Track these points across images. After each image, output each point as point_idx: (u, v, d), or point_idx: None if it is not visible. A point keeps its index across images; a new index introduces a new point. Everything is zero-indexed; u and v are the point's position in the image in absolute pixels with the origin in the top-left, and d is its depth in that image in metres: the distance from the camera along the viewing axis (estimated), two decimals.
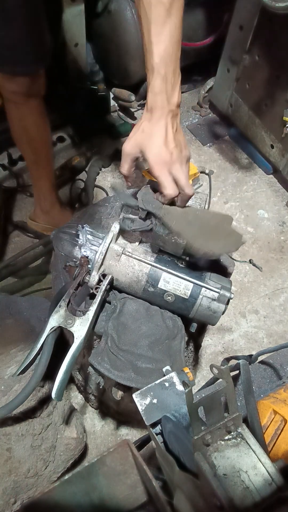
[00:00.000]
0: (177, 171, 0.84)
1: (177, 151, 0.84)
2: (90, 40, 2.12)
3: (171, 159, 0.83)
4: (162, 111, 0.83)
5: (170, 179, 0.84)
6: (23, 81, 1.32)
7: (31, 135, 1.50)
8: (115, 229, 0.97)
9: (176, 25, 0.82)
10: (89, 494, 0.74)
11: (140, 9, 0.81)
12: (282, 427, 0.81)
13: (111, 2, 1.97)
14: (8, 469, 1.04)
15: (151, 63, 0.83)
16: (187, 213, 0.95)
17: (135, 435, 1.47)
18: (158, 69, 0.82)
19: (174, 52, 0.84)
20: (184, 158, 0.86)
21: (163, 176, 0.83)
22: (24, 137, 1.51)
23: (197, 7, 2.07)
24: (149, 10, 0.79)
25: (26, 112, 1.43)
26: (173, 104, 0.85)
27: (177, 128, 0.86)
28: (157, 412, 0.73)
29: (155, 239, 0.99)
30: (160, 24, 0.80)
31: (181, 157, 0.85)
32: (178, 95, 0.86)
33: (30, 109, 1.42)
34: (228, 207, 2.06)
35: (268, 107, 1.96)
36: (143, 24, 0.82)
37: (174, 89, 0.84)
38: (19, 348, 1.14)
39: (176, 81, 0.85)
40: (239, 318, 1.75)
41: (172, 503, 0.66)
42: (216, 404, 0.58)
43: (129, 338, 0.97)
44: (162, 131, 0.83)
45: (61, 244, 1.01)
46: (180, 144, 0.85)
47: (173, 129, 0.85)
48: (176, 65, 0.85)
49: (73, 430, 1.18)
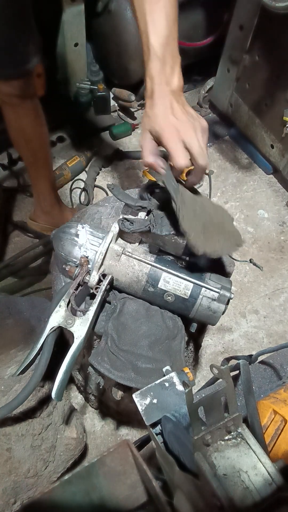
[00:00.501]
0: (190, 138, 0.75)
1: (188, 118, 0.76)
2: (90, 40, 2.12)
3: (181, 125, 0.75)
4: (163, 93, 0.77)
5: (180, 146, 0.75)
6: (16, 84, 1.31)
7: (28, 136, 1.49)
8: (115, 229, 0.97)
9: (171, 3, 0.80)
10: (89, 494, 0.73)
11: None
12: (282, 427, 0.81)
13: (111, 2, 1.97)
14: (8, 469, 1.04)
15: (147, 45, 0.77)
16: (196, 202, 0.92)
17: (135, 435, 1.47)
18: (155, 50, 0.77)
19: (172, 32, 0.80)
20: (198, 125, 0.77)
21: (172, 143, 0.74)
22: (21, 139, 1.50)
23: (197, 7, 2.07)
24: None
25: (22, 114, 1.42)
26: (174, 86, 0.78)
27: (183, 104, 0.78)
28: (157, 412, 0.73)
29: (155, 239, 0.99)
30: (154, 2, 0.78)
31: (194, 123, 0.76)
32: (179, 78, 0.79)
33: (26, 111, 1.42)
34: (228, 207, 2.06)
35: (268, 107, 1.96)
36: (136, 6, 0.79)
37: (173, 71, 0.78)
38: (19, 348, 1.14)
39: (175, 62, 0.79)
40: (239, 318, 1.75)
41: (172, 503, 0.66)
42: (216, 404, 0.58)
43: (129, 338, 0.97)
44: (166, 105, 0.76)
45: (61, 244, 1.01)
46: (191, 114, 0.78)
47: (179, 103, 0.77)
48: (175, 46, 0.80)
49: (73, 430, 1.18)
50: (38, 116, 1.47)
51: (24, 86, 1.34)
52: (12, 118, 1.44)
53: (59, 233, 1.02)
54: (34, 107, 1.43)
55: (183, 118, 0.76)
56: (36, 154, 1.56)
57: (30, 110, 1.43)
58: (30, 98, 1.40)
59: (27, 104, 1.40)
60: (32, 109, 1.43)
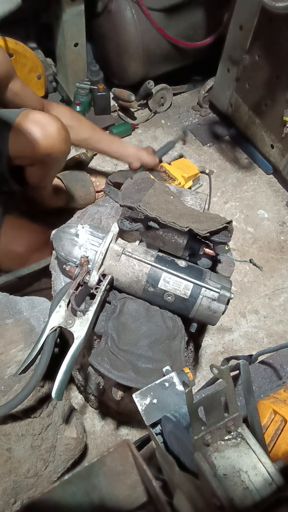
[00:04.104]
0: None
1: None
2: (90, 40, 2.13)
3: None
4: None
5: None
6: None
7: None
8: (115, 229, 0.97)
9: (89, 127, 1.57)
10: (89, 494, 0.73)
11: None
12: (282, 427, 0.81)
13: (111, 2, 1.97)
14: (8, 469, 1.04)
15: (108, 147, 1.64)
16: (170, 203, 0.99)
17: (135, 435, 1.47)
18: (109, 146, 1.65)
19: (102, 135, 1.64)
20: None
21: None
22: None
23: (197, 7, 2.07)
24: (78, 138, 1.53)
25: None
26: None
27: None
28: (157, 412, 0.73)
29: (155, 239, 0.99)
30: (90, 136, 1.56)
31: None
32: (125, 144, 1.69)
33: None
34: (228, 207, 2.06)
35: (268, 107, 1.95)
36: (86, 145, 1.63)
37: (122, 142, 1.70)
38: (19, 348, 1.14)
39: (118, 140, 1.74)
40: (239, 318, 1.75)
41: (172, 503, 0.66)
42: (216, 404, 0.58)
43: (129, 338, 0.97)
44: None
45: (61, 244, 1.01)
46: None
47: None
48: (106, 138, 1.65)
49: (73, 430, 1.18)
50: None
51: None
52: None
53: (59, 233, 1.02)
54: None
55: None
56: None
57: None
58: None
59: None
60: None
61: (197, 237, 0.96)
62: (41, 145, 1.28)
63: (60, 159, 1.44)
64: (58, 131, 1.30)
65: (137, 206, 0.93)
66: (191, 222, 0.93)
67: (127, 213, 0.98)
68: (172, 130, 2.32)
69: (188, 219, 0.94)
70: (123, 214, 0.99)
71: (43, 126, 1.28)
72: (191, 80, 2.47)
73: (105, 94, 2.15)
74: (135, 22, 1.96)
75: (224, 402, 0.59)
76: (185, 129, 2.11)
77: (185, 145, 2.26)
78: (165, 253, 1.00)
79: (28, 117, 1.29)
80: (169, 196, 1.04)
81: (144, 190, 1.00)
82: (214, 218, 0.97)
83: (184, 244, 0.97)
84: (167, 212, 0.94)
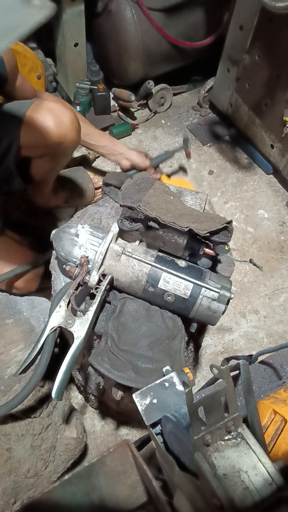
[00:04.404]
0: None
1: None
2: (90, 40, 2.12)
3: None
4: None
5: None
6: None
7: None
8: (115, 229, 0.97)
9: (80, 120, 1.43)
10: (89, 494, 0.73)
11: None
12: (282, 427, 0.81)
13: (111, 2, 1.97)
14: (8, 469, 1.04)
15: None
16: (170, 203, 0.99)
17: (135, 435, 1.47)
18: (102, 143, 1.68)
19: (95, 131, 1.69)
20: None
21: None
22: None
23: (197, 7, 2.07)
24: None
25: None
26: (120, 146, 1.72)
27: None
28: (157, 412, 0.73)
29: (155, 239, 0.99)
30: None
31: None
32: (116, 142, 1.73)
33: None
34: (228, 207, 2.06)
35: (268, 107, 1.95)
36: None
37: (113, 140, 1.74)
38: (19, 348, 1.14)
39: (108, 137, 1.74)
40: (239, 318, 1.75)
41: (172, 503, 0.66)
42: (216, 404, 0.58)
43: (129, 338, 0.97)
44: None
45: (61, 244, 1.01)
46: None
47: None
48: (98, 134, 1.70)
49: (73, 430, 1.18)
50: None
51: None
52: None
53: (59, 233, 1.02)
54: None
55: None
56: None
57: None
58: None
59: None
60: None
61: (197, 237, 0.96)
62: (54, 134, 1.28)
63: (70, 150, 1.45)
64: (71, 120, 1.30)
65: (137, 206, 0.93)
66: (191, 222, 0.93)
67: (127, 213, 0.98)
68: (172, 130, 2.32)
69: (188, 219, 0.94)
70: (123, 214, 0.99)
71: (56, 115, 1.28)
72: (191, 80, 2.47)
73: (105, 94, 2.15)
74: (135, 22, 1.96)
75: (224, 402, 0.59)
76: (186, 139, 2.10)
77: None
78: (165, 253, 1.00)
79: (41, 106, 1.29)
80: (169, 196, 1.04)
81: (144, 190, 1.00)
82: (214, 218, 0.97)
83: (184, 244, 0.97)
84: (167, 212, 0.94)
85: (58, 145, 1.32)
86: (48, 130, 1.27)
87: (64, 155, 1.45)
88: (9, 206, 1.71)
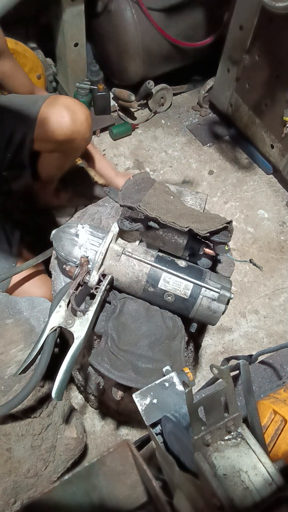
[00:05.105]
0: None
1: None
2: (90, 40, 2.12)
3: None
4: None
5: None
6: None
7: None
8: (115, 229, 0.97)
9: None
10: (89, 494, 0.73)
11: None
12: (282, 427, 0.81)
13: (111, 2, 1.97)
14: (8, 469, 1.04)
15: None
16: (170, 203, 0.99)
17: (135, 435, 1.47)
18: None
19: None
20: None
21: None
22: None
23: (197, 7, 2.07)
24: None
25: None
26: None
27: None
28: (157, 412, 0.73)
29: (155, 239, 0.99)
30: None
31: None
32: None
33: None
34: (228, 207, 2.06)
35: (268, 107, 1.95)
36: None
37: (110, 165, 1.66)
38: (19, 348, 1.14)
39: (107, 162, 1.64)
40: (239, 318, 1.75)
41: (172, 503, 0.66)
42: (216, 404, 0.58)
43: (129, 338, 0.97)
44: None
45: (61, 244, 1.01)
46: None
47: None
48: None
49: (73, 430, 1.18)
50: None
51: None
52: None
53: (59, 233, 1.02)
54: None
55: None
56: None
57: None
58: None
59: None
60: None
61: (197, 237, 0.96)
62: (69, 129, 1.29)
63: (81, 148, 1.45)
64: (86, 117, 1.32)
65: (137, 206, 0.93)
66: (191, 222, 0.93)
67: (127, 213, 0.98)
68: (172, 130, 2.32)
69: (188, 219, 0.94)
70: (123, 214, 0.99)
71: (72, 111, 1.29)
72: (191, 80, 2.47)
73: (105, 94, 2.15)
74: (135, 22, 1.96)
75: (224, 402, 0.59)
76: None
77: (185, 145, 2.26)
78: (165, 253, 1.00)
79: (58, 101, 1.30)
80: (169, 196, 1.04)
81: (144, 190, 1.00)
82: (214, 218, 0.97)
83: (184, 244, 0.97)
84: (167, 212, 0.94)
85: (70, 141, 1.33)
86: (63, 125, 1.28)
87: (74, 152, 1.45)
88: (8, 206, 1.71)
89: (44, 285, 1.42)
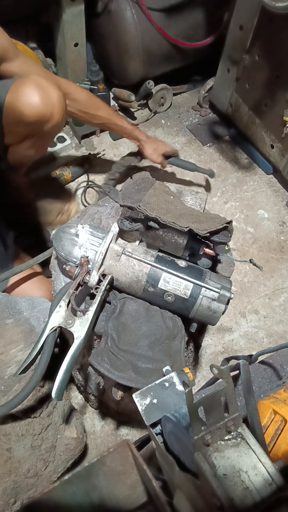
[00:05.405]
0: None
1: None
2: (90, 40, 2.12)
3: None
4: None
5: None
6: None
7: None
8: (115, 229, 0.97)
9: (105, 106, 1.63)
10: (89, 494, 0.73)
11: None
12: (282, 427, 0.81)
13: (111, 2, 1.97)
14: (8, 469, 1.04)
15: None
16: (170, 203, 0.99)
17: (135, 435, 1.47)
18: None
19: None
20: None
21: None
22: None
23: (197, 7, 2.07)
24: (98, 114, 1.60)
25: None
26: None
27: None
28: (157, 412, 0.73)
29: (155, 239, 0.99)
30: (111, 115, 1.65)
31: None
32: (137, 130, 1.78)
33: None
34: (228, 207, 2.06)
35: (268, 107, 1.95)
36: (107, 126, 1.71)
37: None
38: (19, 348, 1.14)
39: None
40: (239, 318, 1.75)
41: (172, 503, 0.66)
42: (216, 404, 0.58)
43: (129, 338, 0.97)
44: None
45: (61, 244, 1.01)
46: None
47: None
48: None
49: (73, 430, 1.18)
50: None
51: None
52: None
53: (59, 233, 1.02)
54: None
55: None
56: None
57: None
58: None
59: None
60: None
61: (197, 237, 0.96)
62: (40, 109, 1.19)
63: (53, 134, 1.35)
64: (58, 98, 1.21)
65: (137, 206, 0.93)
66: (191, 222, 0.93)
67: (127, 213, 0.98)
68: (172, 130, 2.32)
69: (188, 219, 0.94)
70: (123, 214, 0.99)
71: (44, 90, 1.19)
72: (191, 80, 2.47)
73: (105, 94, 2.15)
74: (135, 22, 1.96)
75: (224, 402, 0.59)
76: (213, 173, 2.06)
77: (185, 145, 2.26)
78: (165, 253, 1.00)
79: (29, 78, 1.20)
80: (169, 196, 1.04)
81: (144, 190, 1.00)
82: (214, 218, 0.97)
83: (184, 244, 0.97)
84: (167, 212, 0.94)
85: (41, 124, 1.22)
86: (33, 105, 1.17)
87: (45, 138, 1.34)
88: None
89: (43, 286, 1.41)
